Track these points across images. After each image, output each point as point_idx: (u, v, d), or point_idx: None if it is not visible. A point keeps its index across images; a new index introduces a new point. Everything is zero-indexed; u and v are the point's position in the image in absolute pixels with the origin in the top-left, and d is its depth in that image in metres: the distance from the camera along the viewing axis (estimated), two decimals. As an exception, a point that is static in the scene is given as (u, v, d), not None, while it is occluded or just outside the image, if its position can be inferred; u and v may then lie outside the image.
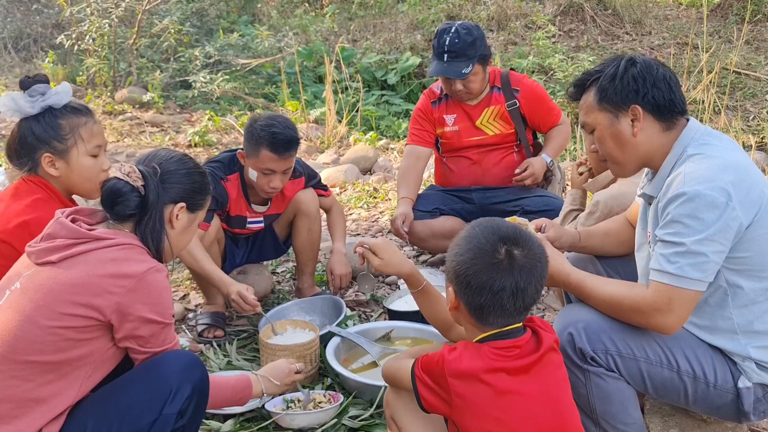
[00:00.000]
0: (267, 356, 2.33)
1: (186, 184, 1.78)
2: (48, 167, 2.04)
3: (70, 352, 1.56)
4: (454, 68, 3.08)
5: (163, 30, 7.74)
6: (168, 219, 1.75)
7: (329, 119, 6.34)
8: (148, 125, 6.74)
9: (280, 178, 2.66)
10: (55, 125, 2.04)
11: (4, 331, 1.56)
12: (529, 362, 1.43)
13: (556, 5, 8.96)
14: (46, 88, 2.05)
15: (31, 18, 9.92)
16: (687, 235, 1.58)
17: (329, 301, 2.81)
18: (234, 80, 7.47)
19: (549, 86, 7.02)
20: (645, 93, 1.72)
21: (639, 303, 1.64)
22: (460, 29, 3.09)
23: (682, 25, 8.88)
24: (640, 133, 1.74)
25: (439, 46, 3.09)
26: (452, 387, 1.40)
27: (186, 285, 3.23)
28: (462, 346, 1.46)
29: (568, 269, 1.77)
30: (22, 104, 2.02)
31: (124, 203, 1.66)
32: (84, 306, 1.54)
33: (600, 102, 1.77)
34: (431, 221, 3.25)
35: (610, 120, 1.77)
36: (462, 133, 3.26)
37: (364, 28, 9.34)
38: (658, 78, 1.72)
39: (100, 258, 1.59)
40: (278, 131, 2.57)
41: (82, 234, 1.61)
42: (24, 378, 1.54)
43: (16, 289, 1.60)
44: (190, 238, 1.87)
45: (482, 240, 1.45)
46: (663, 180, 1.72)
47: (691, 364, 1.69)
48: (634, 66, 1.74)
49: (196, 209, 1.83)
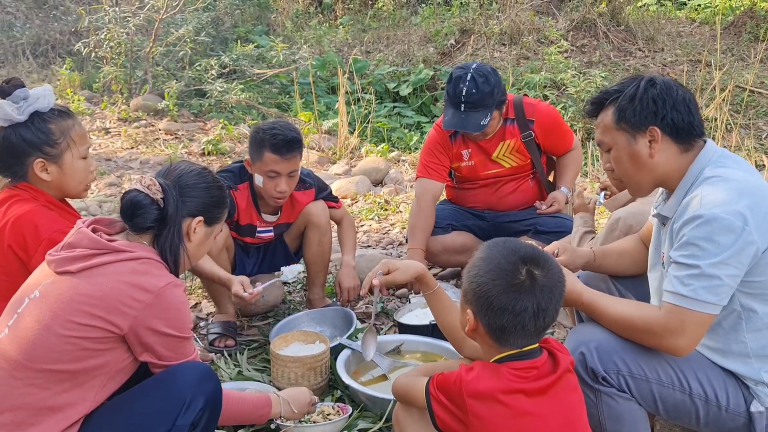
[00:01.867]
0: (278, 367, 2.34)
1: (204, 198, 1.80)
2: (40, 173, 2.03)
3: (86, 361, 1.58)
4: (472, 121, 2.97)
5: (180, 39, 7.82)
6: (186, 232, 1.77)
7: (341, 130, 6.38)
8: (162, 133, 6.79)
9: (286, 181, 2.68)
10: (45, 130, 2.02)
11: (22, 339, 1.58)
12: (546, 384, 1.43)
13: (568, 20, 8.98)
14: (26, 92, 2.01)
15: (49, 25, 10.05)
16: (702, 257, 1.58)
17: (340, 312, 2.82)
18: (248, 90, 7.52)
19: (561, 101, 7.03)
20: (664, 115, 1.71)
21: (652, 324, 1.64)
22: (477, 77, 2.95)
23: (695, 43, 8.87)
24: (657, 155, 1.74)
25: (455, 95, 2.96)
26: (470, 407, 1.41)
27: (198, 294, 3.25)
28: (479, 366, 1.46)
29: (581, 288, 1.78)
30: (8, 111, 1.98)
31: (144, 216, 1.69)
32: (101, 318, 1.56)
33: (618, 122, 1.77)
34: (443, 236, 3.25)
35: (627, 140, 1.77)
36: (478, 167, 3.21)
37: (378, 40, 9.41)
38: (677, 100, 1.72)
39: (119, 271, 1.61)
40: (279, 132, 2.62)
41: (103, 245, 1.63)
42: (41, 386, 1.56)
43: (35, 298, 1.62)
44: (205, 250, 1.90)
45: (502, 261, 1.46)
46: (679, 201, 1.72)
47: (704, 386, 1.69)
48: (654, 87, 1.74)
49: (214, 223, 1.85)
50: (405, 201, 4.83)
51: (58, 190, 2.10)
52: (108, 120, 7.02)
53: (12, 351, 1.58)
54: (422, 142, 6.52)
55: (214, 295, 2.85)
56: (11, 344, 1.58)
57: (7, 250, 1.98)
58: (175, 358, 1.67)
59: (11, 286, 1.76)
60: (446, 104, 3.08)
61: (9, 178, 2.08)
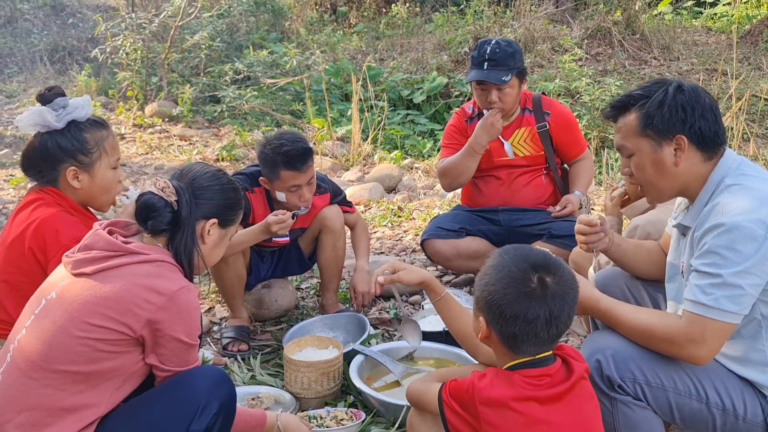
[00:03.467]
0: (291, 371, 2.34)
1: (218, 201, 1.80)
2: (72, 180, 2.09)
3: (101, 363, 1.59)
4: (494, 75, 3.07)
5: (195, 45, 7.89)
6: (200, 234, 1.77)
7: (355, 137, 6.40)
8: (176, 138, 6.84)
9: (308, 189, 2.70)
10: (81, 139, 2.09)
11: (38, 339, 1.59)
12: (560, 391, 1.42)
13: (583, 29, 8.97)
14: (66, 101, 2.08)
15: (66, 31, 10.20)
16: (724, 266, 1.56)
17: (353, 318, 2.82)
18: (262, 96, 7.57)
19: (575, 109, 7.01)
20: (692, 123, 1.69)
21: (672, 333, 1.63)
22: (501, 41, 3.13)
23: (711, 51, 8.83)
24: (682, 163, 1.72)
25: (480, 55, 3.11)
26: (482, 415, 1.40)
27: (212, 298, 3.26)
28: (492, 373, 1.46)
29: (597, 296, 1.77)
30: (48, 119, 2.05)
31: (158, 218, 1.70)
32: (115, 320, 1.57)
33: (644, 128, 1.73)
34: (457, 241, 3.25)
35: (652, 147, 1.73)
36: (492, 152, 3.26)
37: (391, 48, 9.43)
38: (705, 108, 1.69)
39: (133, 273, 1.62)
40: (289, 148, 2.61)
41: (118, 247, 1.65)
42: (56, 387, 1.57)
43: (52, 299, 1.63)
44: (221, 253, 1.90)
45: (513, 268, 1.45)
46: (700, 210, 1.71)
47: (721, 396, 1.67)
48: (683, 93, 1.70)
49: (228, 225, 1.85)
50: (418, 208, 4.83)
51: (86, 198, 2.16)
52: (123, 126, 7.08)
53: (29, 351, 1.59)
54: (436, 149, 6.58)
55: (228, 300, 2.86)
56: (29, 345, 1.60)
57: (28, 252, 2.01)
58: (178, 364, 1.66)
59: (30, 287, 1.78)
60: (470, 68, 3.20)
61: (37, 182, 2.12)
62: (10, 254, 2.07)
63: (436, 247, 3.26)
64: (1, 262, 2.09)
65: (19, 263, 2.03)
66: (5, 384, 1.60)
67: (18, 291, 2.01)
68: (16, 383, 1.58)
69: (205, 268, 1.83)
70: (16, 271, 2.04)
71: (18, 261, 2.04)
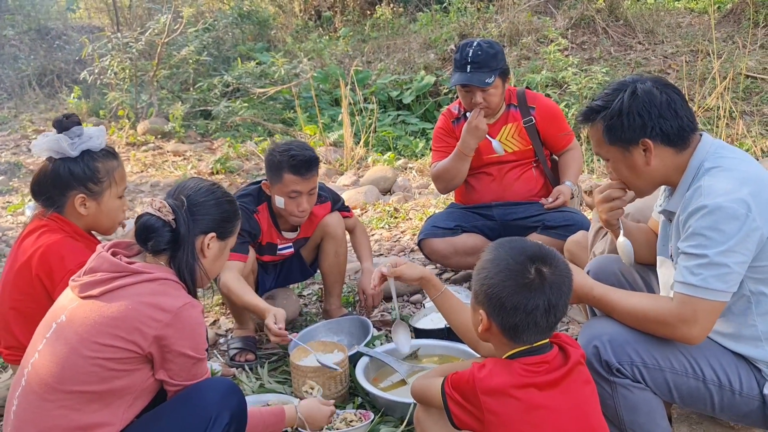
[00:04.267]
0: (298, 378, 2.38)
1: (215, 215, 1.84)
2: (79, 207, 2.14)
3: (113, 382, 1.63)
4: (477, 77, 3.12)
5: (182, 61, 7.93)
6: (200, 249, 1.81)
7: (347, 141, 6.44)
8: (170, 155, 6.88)
9: (307, 200, 2.73)
10: (93, 168, 2.15)
11: (52, 362, 1.63)
12: (557, 377, 1.47)
13: (567, 18, 9.00)
14: (81, 130, 2.15)
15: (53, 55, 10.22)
16: (709, 247, 1.61)
17: (356, 321, 2.86)
18: (252, 107, 7.61)
19: (563, 99, 7.06)
20: (652, 126, 1.74)
21: (665, 315, 1.67)
22: (482, 43, 3.18)
23: (694, 32, 8.87)
24: (654, 161, 1.77)
25: (462, 58, 3.15)
26: (484, 404, 1.45)
27: (216, 311, 3.30)
28: (492, 363, 1.50)
29: (591, 283, 1.81)
30: (64, 146, 2.12)
31: (157, 238, 1.74)
32: (123, 339, 1.61)
33: (610, 138, 1.79)
34: (453, 239, 3.29)
35: (621, 153, 1.80)
36: (482, 150, 3.30)
37: (378, 50, 9.47)
38: (662, 107, 1.74)
39: (138, 292, 1.66)
40: (297, 153, 2.66)
41: (122, 267, 1.69)
42: (71, 407, 1.61)
43: (62, 322, 1.68)
44: (221, 264, 1.94)
45: (510, 261, 1.50)
46: (682, 195, 1.76)
47: (716, 372, 1.71)
48: (636, 99, 1.74)
49: (227, 237, 1.89)
50: (414, 208, 4.87)
51: (91, 225, 2.21)
52: (116, 145, 7.11)
53: (43, 374, 1.63)
54: (428, 148, 6.62)
55: (234, 311, 2.89)
56: (42, 368, 1.64)
57: (35, 280, 2.06)
58: (187, 378, 1.70)
59: (38, 313, 1.82)
60: (453, 71, 3.24)
61: (45, 207, 2.17)
62: (17, 281, 2.11)
63: (433, 245, 3.31)
64: (9, 290, 2.13)
65: (27, 290, 2.07)
66: (21, 407, 1.65)
67: (26, 317, 2.06)
68: (31, 406, 1.63)
69: (208, 281, 1.88)
70: (24, 298, 2.08)
71: (25, 288, 2.08)
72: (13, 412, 1.66)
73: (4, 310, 2.16)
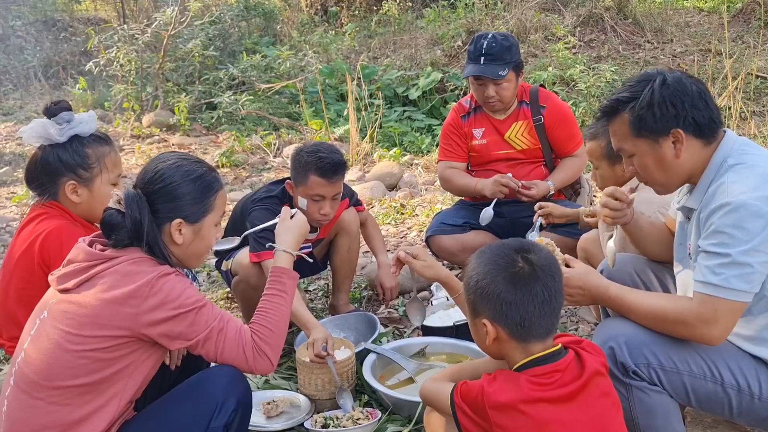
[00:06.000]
0: (304, 374, 2.36)
1: (181, 198, 1.71)
2: (71, 194, 2.09)
3: (104, 371, 1.59)
4: (491, 69, 3.09)
5: (188, 54, 7.89)
6: (169, 237, 1.71)
7: (353, 137, 6.40)
8: (175, 147, 6.84)
9: (330, 204, 2.66)
10: (82, 153, 2.09)
11: (37, 359, 1.60)
12: (572, 390, 1.42)
13: (575, 16, 8.95)
14: (71, 116, 2.09)
15: (59, 46, 10.21)
16: (732, 245, 1.57)
17: (363, 317, 2.83)
18: (258, 101, 7.57)
19: (571, 97, 7.01)
20: (685, 116, 1.69)
21: (684, 315, 1.63)
22: (497, 35, 3.15)
23: (704, 32, 8.81)
24: (683, 154, 1.72)
25: (476, 49, 3.12)
26: (493, 419, 1.41)
27: (220, 305, 3.27)
28: (501, 377, 1.46)
29: (606, 283, 1.78)
30: (51, 132, 2.07)
31: (119, 232, 1.65)
32: (106, 326, 1.57)
33: (638, 130, 1.73)
34: (461, 235, 3.26)
35: (650, 146, 1.74)
36: (490, 146, 3.27)
37: (384, 45, 9.43)
38: (694, 97, 1.69)
39: (113, 276, 1.60)
40: (324, 156, 2.59)
41: (96, 255, 1.64)
42: (61, 403, 1.58)
43: (45, 318, 1.64)
44: (204, 244, 1.80)
45: (496, 258, 1.48)
46: (703, 191, 1.71)
47: (735, 376, 1.68)
48: (668, 88, 1.70)
49: (201, 217, 1.74)
50: (421, 204, 4.84)
51: (86, 213, 2.16)
52: (122, 137, 7.09)
53: (29, 373, 1.60)
54: (434, 144, 6.58)
55: (246, 313, 2.85)
56: (28, 366, 1.61)
57: (36, 267, 2.02)
58: (198, 330, 1.63)
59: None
60: (467, 63, 3.21)
61: (39, 196, 2.13)
62: (19, 270, 2.08)
63: (441, 242, 3.27)
64: (12, 279, 2.10)
65: (30, 278, 2.04)
66: (12, 407, 1.62)
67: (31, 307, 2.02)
68: (21, 405, 1.60)
69: (197, 264, 1.82)
70: (28, 286, 2.04)
71: (29, 276, 2.05)
72: (4, 412, 1.63)
73: (9, 301, 2.12)
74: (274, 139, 6.80)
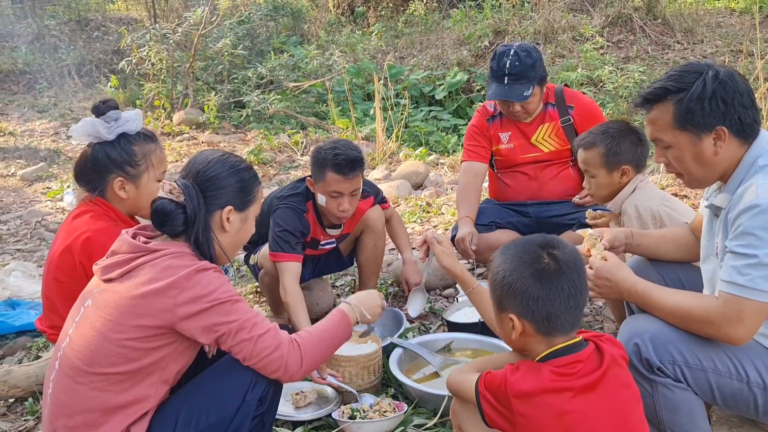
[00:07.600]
0: (332, 367, 2.40)
1: (229, 187, 1.78)
2: (118, 190, 2.17)
3: (141, 360, 1.65)
4: (515, 91, 3.06)
5: (218, 53, 8.01)
6: (219, 224, 1.78)
7: (379, 136, 6.45)
8: (204, 145, 6.97)
9: (349, 201, 2.69)
10: (129, 151, 2.17)
11: (81, 346, 1.66)
12: (592, 380, 1.44)
13: (604, 16, 8.89)
14: (118, 114, 2.17)
15: (92, 45, 10.43)
16: (760, 247, 1.57)
17: (389, 313, 2.86)
18: (285, 100, 7.66)
19: (599, 98, 6.97)
20: (732, 114, 1.67)
21: (710, 313, 1.64)
22: (519, 51, 3.08)
23: (735, 32, 8.69)
24: (722, 152, 1.71)
25: (499, 68, 3.09)
26: (516, 407, 1.44)
27: (249, 299, 3.34)
28: (524, 367, 1.49)
29: (635, 279, 1.79)
30: (100, 130, 2.14)
31: (172, 221, 1.71)
32: (146, 316, 1.62)
33: (683, 123, 1.71)
34: (487, 234, 3.27)
35: (691, 140, 1.72)
36: (517, 150, 3.27)
37: (411, 45, 9.47)
38: (744, 96, 1.67)
39: (154, 269, 1.65)
40: (341, 152, 2.63)
41: (140, 248, 1.69)
42: (102, 389, 1.64)
43: (89, 306, 1.70)
44: (247, 234, 1.88)
45: (522, 254, 1.51)
46: (732, 191, 1.72)
47: (761, 375, 1.68)
48: (721, 84, 1.67)
49: (246, 207, 1.83)
50: (446, 203, 4.86)
51: (132, 208, 2.24)
52: (152, 135, 7.22)
53: (73, 358, 1.66)
54: (459, 144, 6.60)
55: (272, 301, 2.92)
56: (72, 352, 1.67)
57: (77, 264, 2.10)
58: (236, 318, 1.66)
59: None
60: (490, 80, 3.19)
61: (88, 192, 2.21)
62: (61, 264, 2.16)
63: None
64: (54, 271, 2.18)
65: (72, 274, 2.12)
66: (56, 391, 1.68)
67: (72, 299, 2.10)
68: (66, 389, 1.66)
69: (233, 254, 1.87)
70: (69, 281, 2.13)
71: (70, 272, 2.13)
72: (49, 395, 1.70)
73: (51, 292, 2.21)
74: (301, 138, 6.88)
